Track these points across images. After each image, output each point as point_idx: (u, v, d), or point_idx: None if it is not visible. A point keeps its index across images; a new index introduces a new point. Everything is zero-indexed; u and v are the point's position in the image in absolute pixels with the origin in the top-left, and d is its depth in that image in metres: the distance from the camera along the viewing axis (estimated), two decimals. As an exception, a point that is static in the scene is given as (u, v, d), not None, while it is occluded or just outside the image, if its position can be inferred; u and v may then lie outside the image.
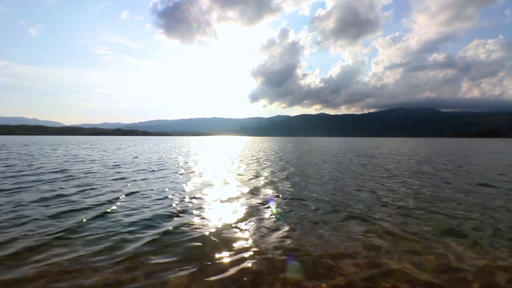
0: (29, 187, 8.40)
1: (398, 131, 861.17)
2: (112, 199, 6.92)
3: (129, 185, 8.99)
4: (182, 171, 12.50)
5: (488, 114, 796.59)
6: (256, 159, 19.40)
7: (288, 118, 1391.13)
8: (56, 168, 12.76)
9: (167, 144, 51.53)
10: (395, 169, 13.76)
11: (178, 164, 15.68)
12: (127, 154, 22.80)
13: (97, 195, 7.35)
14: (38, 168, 12.88)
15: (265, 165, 15.15)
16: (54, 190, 7.90)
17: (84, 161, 16.80)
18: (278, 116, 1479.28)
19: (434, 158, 20.54)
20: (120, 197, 7.09)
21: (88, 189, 8.14)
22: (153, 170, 12.61)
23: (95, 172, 11.67)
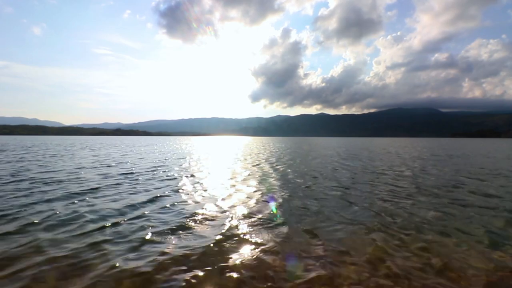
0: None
1: (398, 131, 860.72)
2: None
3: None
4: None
5: (488, 114, 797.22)
6: (281, 159, 19.57)
7: (288, 118, 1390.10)
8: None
9: (178, 145, 51.42)
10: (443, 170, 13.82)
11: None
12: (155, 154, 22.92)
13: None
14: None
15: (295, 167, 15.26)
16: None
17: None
18: (279, 116, 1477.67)
19: (479, 159, 20.27)
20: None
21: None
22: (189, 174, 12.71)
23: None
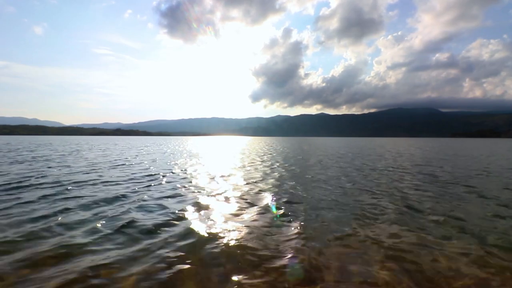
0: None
1: (398, 131, 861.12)
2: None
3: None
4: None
5: (488, 114, 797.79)
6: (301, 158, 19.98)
7: (288, 118, 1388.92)
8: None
9: (189, 145, 51.40)
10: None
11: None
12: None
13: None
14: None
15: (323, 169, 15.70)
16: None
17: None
18: (279, 116, 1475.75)
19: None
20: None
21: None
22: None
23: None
